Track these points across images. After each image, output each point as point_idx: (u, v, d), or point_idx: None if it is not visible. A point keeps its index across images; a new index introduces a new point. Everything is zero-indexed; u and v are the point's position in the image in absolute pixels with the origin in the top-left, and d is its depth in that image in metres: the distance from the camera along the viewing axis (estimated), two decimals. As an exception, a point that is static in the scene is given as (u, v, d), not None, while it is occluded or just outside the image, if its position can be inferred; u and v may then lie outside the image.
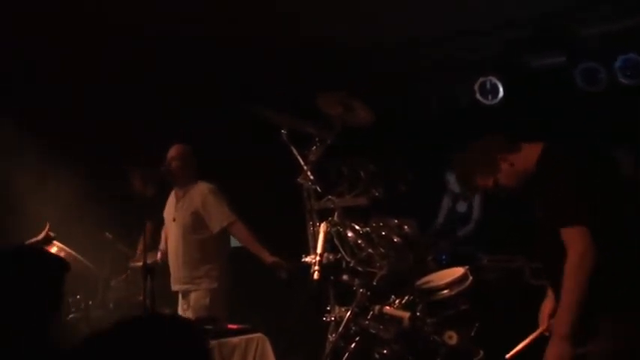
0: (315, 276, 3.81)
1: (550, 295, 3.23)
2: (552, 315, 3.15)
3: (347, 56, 6.15)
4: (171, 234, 5.10)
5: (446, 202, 6.60)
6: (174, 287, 5.04)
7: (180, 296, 5.07)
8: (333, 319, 4.01)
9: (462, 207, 6.53)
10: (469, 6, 5.44)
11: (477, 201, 6.43)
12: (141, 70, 6.00)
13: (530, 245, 3.57)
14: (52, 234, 4.54)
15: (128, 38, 5.44)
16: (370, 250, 4.00)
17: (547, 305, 3.25)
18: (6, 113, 5.26)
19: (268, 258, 4.77)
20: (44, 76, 5.74)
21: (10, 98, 5.51)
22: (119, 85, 6.04)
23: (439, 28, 5.95)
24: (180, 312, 5.03)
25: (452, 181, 6.47)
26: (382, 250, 4.01)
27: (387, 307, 3.95)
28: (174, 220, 5.07)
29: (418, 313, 3.91)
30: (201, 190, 5.00)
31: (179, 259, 4.98)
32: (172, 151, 5.08)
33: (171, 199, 5.17)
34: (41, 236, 4.51)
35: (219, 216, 4.91)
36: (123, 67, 5.94)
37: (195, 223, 4.95)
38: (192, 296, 4.93)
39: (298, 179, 4.21)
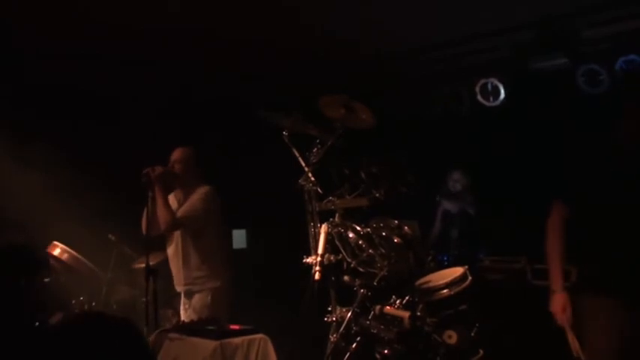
0: (316, 277, 3.83)
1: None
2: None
3: (351, 58, 6.18)
4: (172, 236, 5.07)
5: (439, 208, 6.49)
6: (178, 288, 5.04)
7: (182, 296, 5.06)
8: (334, 319, 4.03)
9: (454, 208, 6.40)
10: (471, 10, 5.46)
11: (469, 199, 6.30)
12: (141, 73, 6.04)
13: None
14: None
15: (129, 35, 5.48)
16: (371, 251, 4.03)
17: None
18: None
19: None
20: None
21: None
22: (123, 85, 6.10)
23: (440, 33, 5.98)
24: (182, 311, 5.05)
25: (453, 178, 6.39)
26: (383, 250, 4.03)
27: (388, 307, 3.98)
28: None
29: (418, 313, 3.94)
30: (201, 191, 4.98)
31: (180, 261, 4.97)
32: (175, 154, 5.07)
33: (172, 201, 5.09)
34: None
35: (185, 208, 4.91)
36: (126, 71, 5.99)
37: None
38: (196, 296, 4.93)
39: (300, 181, 4.24)
